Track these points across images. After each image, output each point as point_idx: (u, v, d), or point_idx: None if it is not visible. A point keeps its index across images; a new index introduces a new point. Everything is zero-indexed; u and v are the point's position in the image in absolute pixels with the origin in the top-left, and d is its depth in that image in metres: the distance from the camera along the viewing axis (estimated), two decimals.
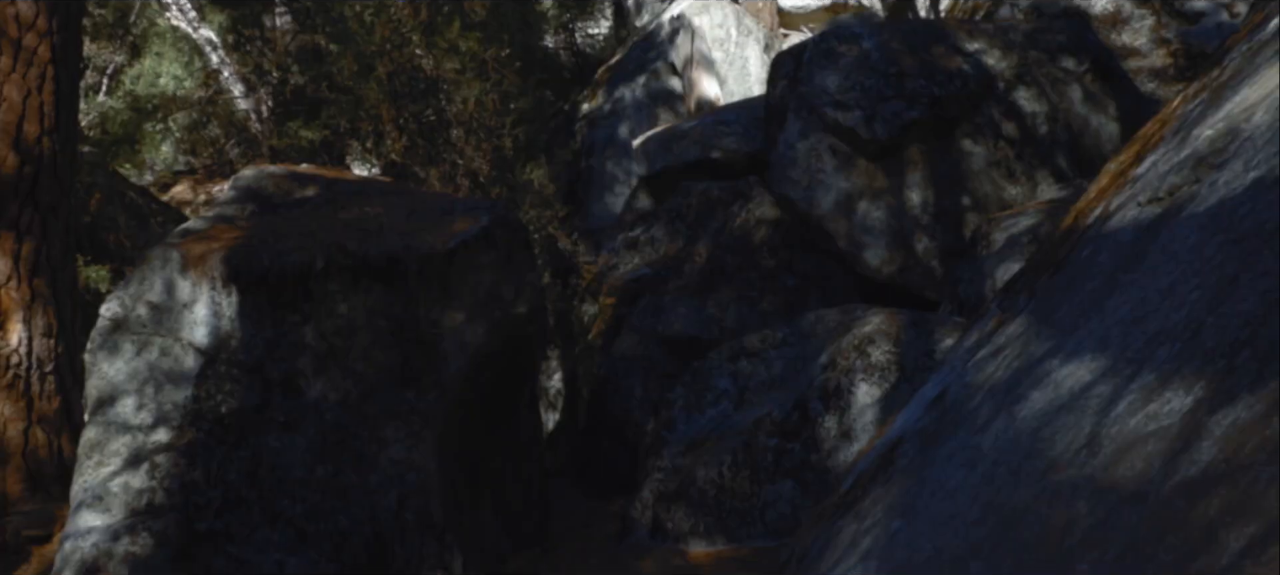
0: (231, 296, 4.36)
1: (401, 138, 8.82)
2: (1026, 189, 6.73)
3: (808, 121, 7.01)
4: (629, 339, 7.09)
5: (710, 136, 8.74)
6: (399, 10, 9.13)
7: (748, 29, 12.61)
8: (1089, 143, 6.92)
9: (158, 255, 4.43)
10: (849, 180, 6.83)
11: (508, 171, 9.31)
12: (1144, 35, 9.50)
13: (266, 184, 5.29)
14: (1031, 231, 5.64)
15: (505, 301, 4.88)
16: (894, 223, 6.71)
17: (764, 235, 7.27)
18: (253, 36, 11.25)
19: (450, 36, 9.11)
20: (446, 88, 9.00)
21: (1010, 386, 2.10)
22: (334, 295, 4.45)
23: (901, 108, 6.76)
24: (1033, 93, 6.97)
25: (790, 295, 7.01)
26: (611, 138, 11.54)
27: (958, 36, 7.29)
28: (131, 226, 8.77)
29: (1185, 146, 2.16)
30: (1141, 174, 2.30)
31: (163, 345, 4.30)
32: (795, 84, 7.24)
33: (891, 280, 6.67)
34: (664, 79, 11.99)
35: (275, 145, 10.18)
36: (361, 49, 9.04)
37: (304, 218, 4.96)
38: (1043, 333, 2.17)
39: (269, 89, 11.23)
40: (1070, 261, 2.34)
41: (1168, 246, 1.90)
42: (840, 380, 4.92)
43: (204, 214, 5.20)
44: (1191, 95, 2.45)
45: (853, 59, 7.08)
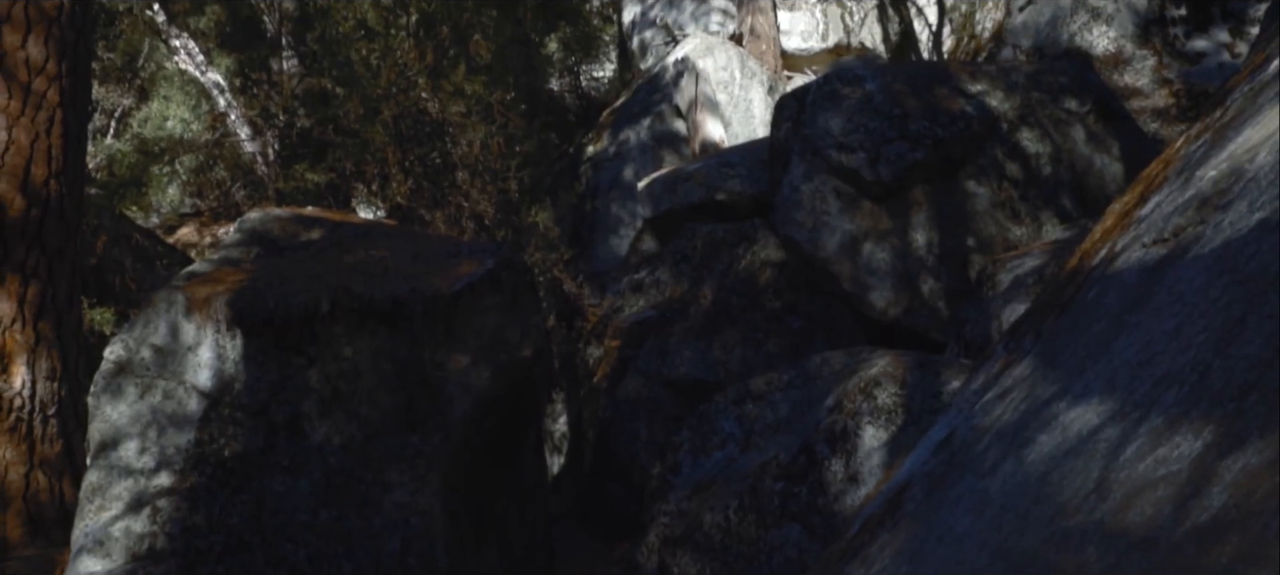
0: (236, 339, 4.36)
1: (407, 180, 8.86)
2: (1031, 230, 6.73)
3: (812, 163, 7.04)
4: (634, 382, 7.07)
5: (715, 178, 8.77)
6: (405, 54, 9.22)
7: (751, 71, 12.70)
8: (1093, 183, 6.93)
9: (162, 298, 4.44)
10: (853, 222, 6.84)
11: (513, 214, 9.35)
12: (1146, 76, 9.54)
13: (272, 226, 5.31)
14: (1037, 272, 5.63)
15: (510, 344, 4.88)
16: (899, 264, 6.71)
17: (769, 277, 7.27)
18: (260, 79, 11.35)
19: (456, 80, 9.20)
20: (452, 131, 9.06)
21: (1018, 429, 2.08)
22: (339, 338, 4.45)
23: (905, 149, 6.78)
24: (1036, 133, 6.99)
25: (796, 337, 6.99)
26: (616, 180, 11.58)
27: (960, 78, 7.33)
28: (137, 269, 8.80)
29: (1189, 187, 2.15)
30: (1146, 215, 2.29)
31: (166, 388, 4.29)
32: (799, 126, 7.27)
33: (897, 322, 6.66)
34: (668, 121, 12.05)
35: (281, 188, 10.23)
36: (368, 92, 9.12)
37: (309, 260, 4.97)
38: (1049, 375, 2.15)
39: (275, 132, 11.32)
40: (1076, 303, 2.33)
41: (1174, 288, 1.89)
42: (847, 423, 4.89)
43: (209, 256, 5.21)
44: (1194, 136, 2.46)
45: (856, 101, 7.12)
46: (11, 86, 3.20)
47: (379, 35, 9.98)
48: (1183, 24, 9.78)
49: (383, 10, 10.33)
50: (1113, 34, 9.87)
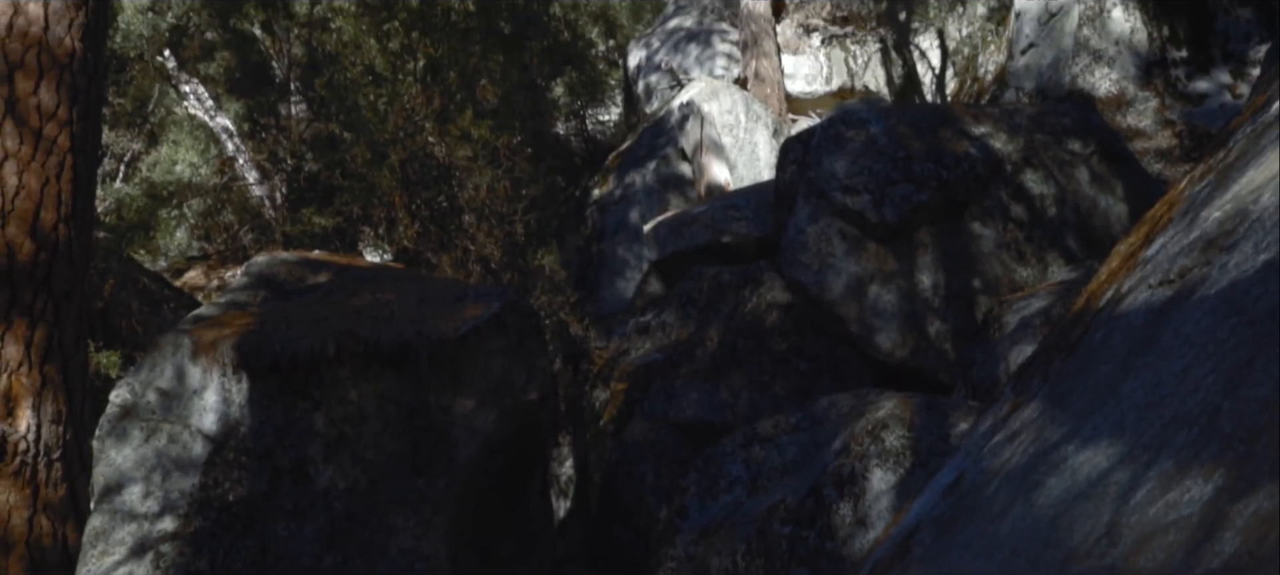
0: (242, 383, 4.36)
1: (414, 224, 8.90)
2: (1037, 271, 6.72)
3: (817, 206, 7.05)
4: (641, 425, 7.04)
5: (721, 221, 8.79)
6: (413, 98, 9.30)
7: (756, 114, 12.77)
8: (1098, 224, 6.93)
9: (169, 341, 4.45)
10: (859, 264, 6.84)
11: (519, 257, 9.37)
12: (1148, 117, 9.57)
13: (279, 270, 5.33)
14: (1043, 313, 5.61)
15: (516, 387, 4.87)
16: (905, 306, 6.70)
17: (775, 319, 7.26)
18: (268, 124, 11.46)
19: (463, 124, 9.26)
20: (459, 174, 9.11)
21: (1026, 473, 2.07)
22: (345, 381, 4.44)
23: (910, 191, 6.79)
24: (1040, 175, 7.00)
25: (802, 380, 6.96)
26: (622, 223, 11.62)
27: (964, 120, 7.36)
28: (144, 312, 8.82)
29: (1194, 228, 2.15)
30: (1151, 256, 2.29)
31: (171, 432, 4.29)
32: (804, 168, 7.30)
33: (904, 364, 6.63)
34: (674, 164, 12.11)
35: (289, 231, 10.29)
36: (375, 137, 9.19)
37: (316, 304, 4.98)
38: (1058, 417, 2.14)
39: (283, 176, 11.40)
40: (1083, 344, 2.32)
41: (1181, 329, 1.88)
42: (854, 466, 4.86)
43: (216, 300, 5.23)
44: (1198, 177, 2.46)
45: (860, 143, 7.15)
46: (23, 132, 3.23)
47: (387, 81, 10.07)
48: (1184, 66, 9.83)
49: (391, 56, 10.43)
50: (1114, 76, 9.92)
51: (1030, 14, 10.80)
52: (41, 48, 3.32)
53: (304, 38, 12.62)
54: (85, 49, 3.44)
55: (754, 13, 15.03)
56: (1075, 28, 10.17)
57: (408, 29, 10.46)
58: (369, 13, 10.74)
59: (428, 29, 10.45)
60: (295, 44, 12.62)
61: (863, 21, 15.94)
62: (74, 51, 3.39)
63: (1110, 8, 10.09)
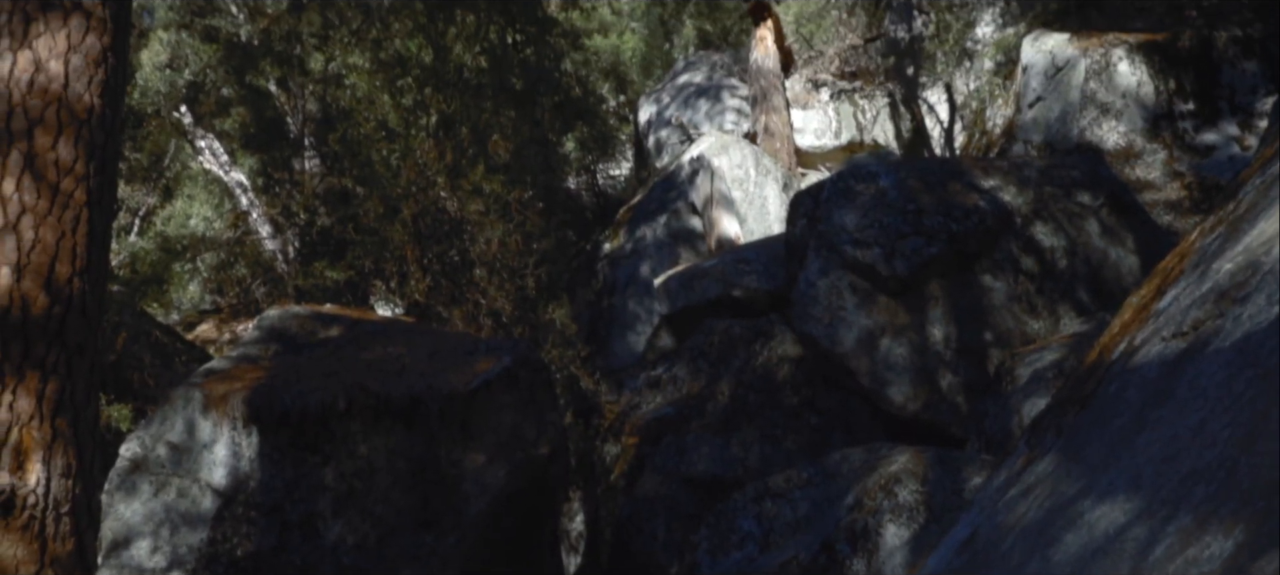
0: (252, 437, 4.35)
1: (425, 278, 8.93)
2: (1049, 323, 6.69)
3: (828, 259, 7.06)
4: (652, 479, 6.99)
5: (731, 275, 8.80)
6: (425, 153, 9.38)
7: (766, 169, 12.84)
8: (1109, 276, 6.91)
9: (180, 395, 4.45)
10: (870, 317, 6.82)
11: (530, 311, 9.38)
12: (1157, 169, 9.59)
13: (291, 324, 5.35)
14: (1056, 366, 5.58)
15: (527, 442, 4.85)
16: (917, 359, 6.67)
17: (787, 373, 7.23)
18: (282, 179, 11.57)
19: (474, 179, 9.33)
20: (470, 228, 9.16)
21: (1042, 528, 2.04)
22: (355, 436, 4.43)
23: (920, 244, 6.80)
24: (1050, 227, 7.00)
25: (814, 433, 6.92)
26: (633, 277, 11.64)
27: (973, 173, 7.38)
28: (156, 365, 8.85)
29: (1206, 280, 2.15)
30: (1164, 308, 2.28)
31: (180, 486, 4.28)
32: (814, 222, 7.32)
33: (916, 417, 6.59)
34: (684, 218, 12.15)
35: (301, 285, 10.33)
36: (387, 191, 9.26)
37: (327, 357, 4.99)
38: (1073, 471, 2.12)
39: (296, 230, 11.48)
40: (1097, 397, 2.30)
41: (1195, 382, 1.87)
42: (867, 521, 4.81)
43: (228, 353, 5.24)
44: (1209, 229, 2.46)
45: (870, 197, 7.17)
46: (40, 186, 3.27)
47: (399, 136, 10.17)
48: (1192, 118, 9.87)
49: (404, 111, 10.55)
50: (1122, 129, 9.96)
51: (1037, 68, 10.88)
52: (61, 104, 3.37)
53: (318, 94, 12.79)
54: (104, 105, 3.49)
55: (763, 68, 15.18)
56: (1082, 81, 10.23)
57: (420, 85, 10.60)
58: (382, 69, 10.89)
59: (440, 85, 10.58)
60: (309, 100, 12.79)
61: (871, 76, 16.07)
62: (93, 108, 3.45)
63: (1116, 61, 10.16)
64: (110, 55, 3.54)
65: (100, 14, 3.52)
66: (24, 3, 3.43)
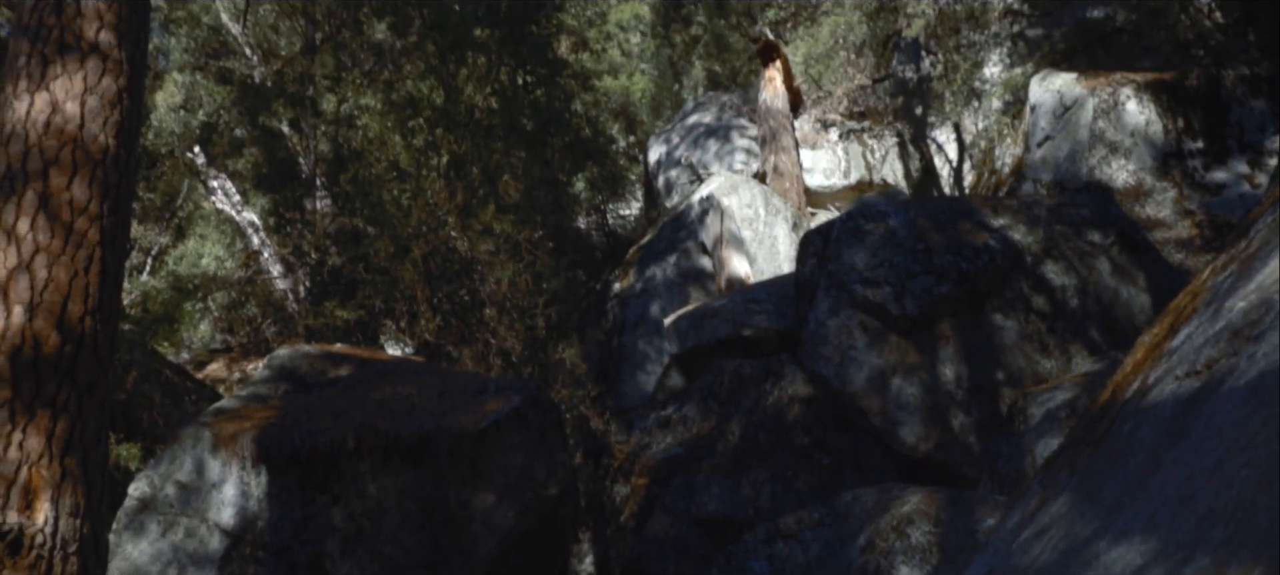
0: (261, 476, 4.34)
1: (435, 317, 8.95)
2: (1061, 362, 6.65)
3: (838, 298, 7.05)
4: (662, 520, 6.94)
5: (741, 314, 8.79)
6: (436, 193, 9.43)
7: (776, 208, 12.87)
8: (1120, 314, 6.88)
9: (189, 434, 4.45)
10: (881, 356, 6.79)
11: (540, 351, 9.38)
12: (1167, 207, 9.58)
13: (301, 363, 5.36)
14: (1068, 406, 5.54)
15: (537, 482, 4.82)
16: (928, 398, 6.63)
17: (797, 413, 7.20)
18: (293, 218, 11.64)
19: (485, 218, 9.37)
20: (480, 268, 9.18)
21: (1057, 570, 2.02)
22: (364, 475, 4.42)
23: (930, 283, 6.78)
24: (1061, 266, 6.98)
25: (825, 474, 6.87)
26: (643, 316, 11.63)
27: (983, 212, 7.38)
28: (166, 404, 8.86)
29: (1219, 319, 2.14)
30: (1177, 347, 2.27)
31: (189, 526, 4.26)
32: (824, 261, 7.32)
33: (928, 457, 6.54)
34: (694, 258, 12.17)
35: (311, 324, 10.36)
36: (398, 231, 9.30)
37: (337, 397, 4.99)
38: (1088, 512, 2.10)
39: (307, 269, 11.53)
40: (1110, 437, 2.28)
41: (1211, 422, 1.85)
42: (880, 562, 4.75)
43: (238, 392, 5.25)
44: (1220, 267, 2.45)
45: (880, 236, 7.17)
46: (54, 226, 3.30)
47: (410, 176, 10.24)
48: (1201, 156, 9.87)
49: (415, 152, 10.63)
50: (1131, 167, 9.96)
51: (1045, 107, 10.91)
52: (77, 145, 3.41)
53: (330, 134, 12.90)
54: (119, 146, 3.52)
55: (772, 108, 15.26)
56: (1090, 120, 10.26)
57: (432, 126, 10.69)
58: (394, 110, 10.99)
59: (451, 126, 10.66)
60: (321, 140, 12.90)
61: (879, 116, 16.14)
62: (108, 148, 3.48)
63: (1124, 100, 10.18)
64: (126, 97, 3.58)
65: (116, 56, 3.57)
66: (42, 45, 3.48)
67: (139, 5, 3.72)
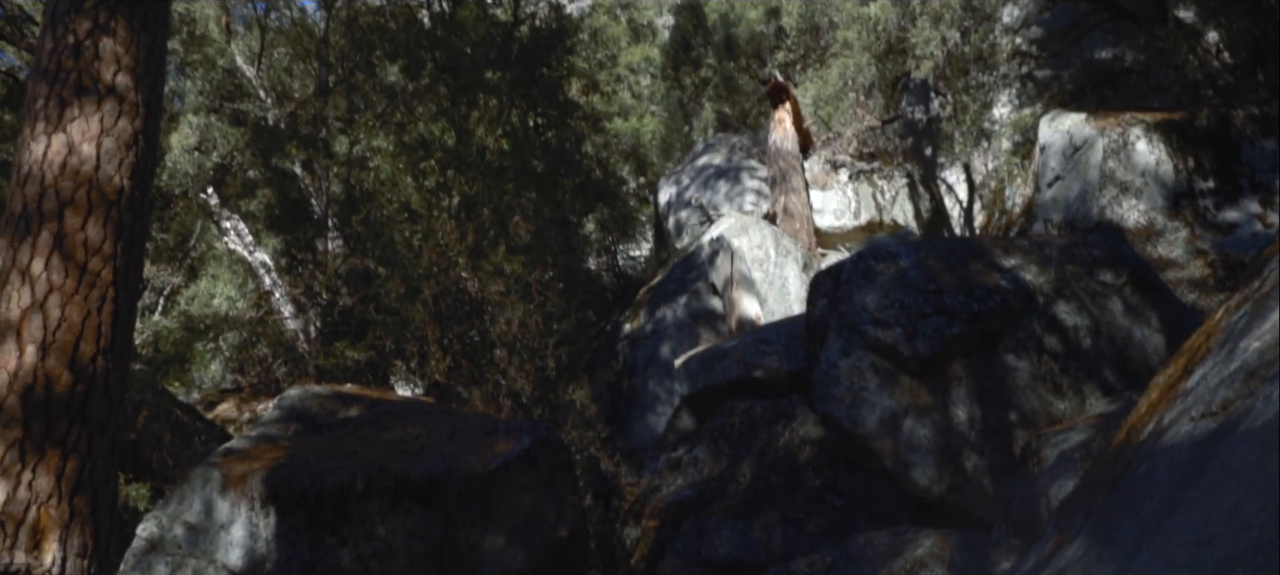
0: (269, 517, 4.33)
1: (445, 358, 8.95)
2: (1074, 403, 6.60)
3: (849, 339, 7.02)
4: (672, 563, 6.88)
5: (752, 355, 8.77)
6: (447, 234, 9.47)
7: (786, 249, 12.87)
8: (1134, 355, 6.84)
9: (199, 474, 4.44)
10: (893, 398, 6.76)
11: (550, 391, 9.35)
12: (1179, 247, 9.54)
13: (311, 404, 5.35)
14: (1083, 447, 5.49)
15: (547, 524, 4.79)
16: (941, 440, 6.58)
17: (809, 455, 7.15)
18: (305, 259, 11.69)
19: (495, 259, 9.39)
20: (491, 309, 9.19)
21: None
22: (373, 517, 4.40)
23: (942, 324, 6.76)
24: (1073, 306, 6.95)
25: (837, 516, 6.81)
26: (653, 357, 11.61)
27: (994, 253, 7.37)
28: (175, 444, 8.85)
29: (1234, 359, 2.12)
30: (1192, 387, 2.25)
31: (196, 567, 4.24)
32: (835, 302, 7.30)
33: (941, 499, 6.48)
34: (705, 299, 12.16)
35: (321, 364, 10.37)
36: (409, 272, 9.33)
37: (346, 438, 4.98)
38: (1105, 556, 2.07)
39: (318, 309, 11.56)
40: (1126, 479, 2.26)
41: (1227, 463, 1.83)
42: None
43: (248, 433, 5.24)
44: (1234, 307, 2.43)
45: (891, 276, 7.16)
46: (68, 266, 3.32)
47: (422, 217, 10.29)
48: (1212, 196, 9.85)
49: (426, 193, 10.69)
50: (1142, 207, 9.94)
51: (1055, 147, 10.92)
52: (92, 186, 3.44)
53: (342, 176, 13.00)
54: (133, 187, 3.56)
55: (782, 149, 15.33)
56: (1100, 160, 10.26)
57: (443, 167, 10.76)
58: (406, 152, 11.07)
59: (463, 167, 10.73)
60: (334, 182, 12.99)
61: (889, 157, 16.19)
62: (123, 189, 3.51)
63: (1134, 140, 10.19)
64: (141, 138, 3.62)
65: (133, 98, 3.61)
66: (60, 88, 3.52)
67: (156, 49, 3.77)
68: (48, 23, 3.68)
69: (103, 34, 3.60)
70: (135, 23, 3.69)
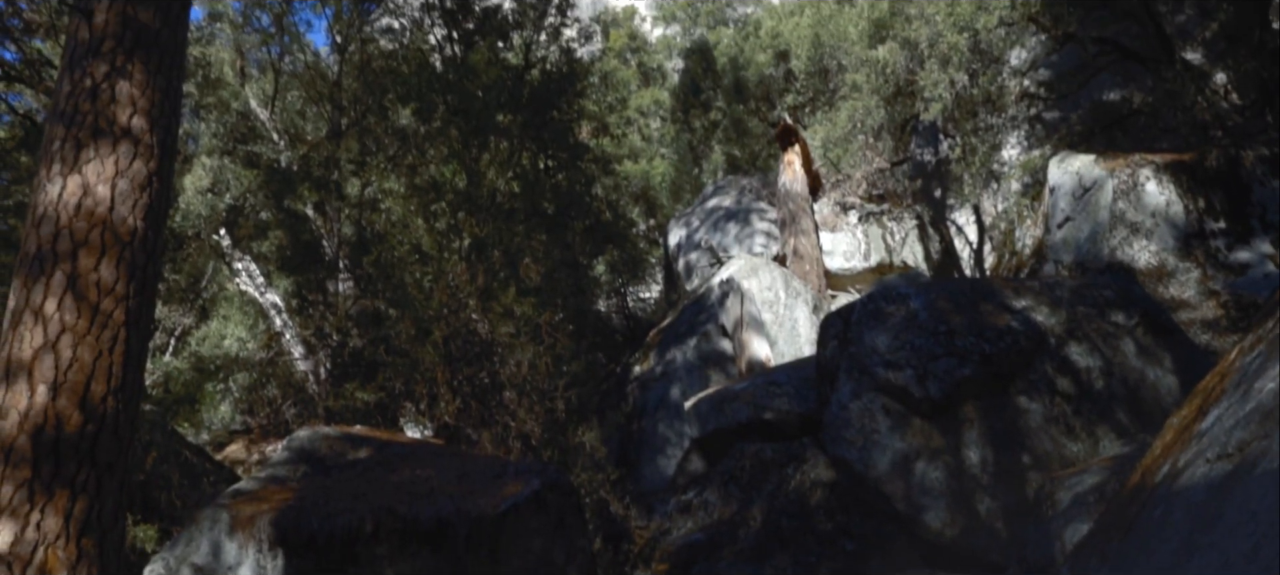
0: (277, 559, 4.30)
1: (455, 400, 8.93)
2: (1088, 445, 6.55)
3: (859, 381, 6.99)
4: None
5: (762, 397, 8.73)
6: (457, 276, 9.49)
7: (796, 291, 12.86)
8: (1147, 396, 6.78)
9: (207, 515, 4.43)
10: (904, 440, 6.71)
11: (560, 434, 9.32)
12: (1191, 287, 9.50)
13: (320, 445, 5.35)
14: (1097, 490, 5.43)
15: (556, 567, 4.75)
16: (953, 483, 6.53)
17: (820, 497, 7.10)
18: (316, 300, 11.72)
19: (506, 301, 9.40)
20: (500, 350, 9.19)
21: None
22: (381, 559, 4.37)
23: (953, 365, 6.73)
24: (1085, 347, 6.92)
25: (850, 560, 6.74)
26: (663, 399, 11.57)
27: (1004, 294, 7.35)
28: (184, 486, 8.83)
29: (1249, 400, 2.10)
30: (1207, 429, 2.23)
31: None
32: (845, 344, 7.28)
33: (954, 543, 6.41)
34: (715, 341, 12.14)
35: (331, 406, 10.36)
36: (419, 313, 9.34)
37: (355, 479, 4.96)
38: None
39: (328, 351, 11.58)
40: (1142, 522, 2.24)
41: (1245, 505, 1.81)
42: None
43: (256, 474, 5.23)
44: (1248, 347, 2.42)
45: (901, 318, 7.14)
46: (81, 306, 3.34)
47: (432, 258, 10.32)
48: (1223, 236, 9.82)
49: (437, 235, 10.73)
50: (1153, 248, 9.92)
51: (1064, 189, 10.92)
52: (106, 227, 3.47)
53: (354, 217, 13.07)
54: (147, 228, 3.58)
55: (791, 191, 15.37)
56: (1110, 201, 10.25)
57: (454, 209, 10.81)
58: (417, 194, 11.13)
59: (473, 209, 10.78)
60: (345, 223, 13.06)
61: (899, 198, 16.21)
62: (136, 230, 3.54)
63: (1144, 181, 10.19)
64: (155, 180, 3.65)
65: (148, 141, 3.65)
66: (77, 130, 3.56)
67: (171, 91, 3.81)
68: (66, 66, 3.73)
69: (119, 77, 3.65)
70: (151, 66, 3.73)
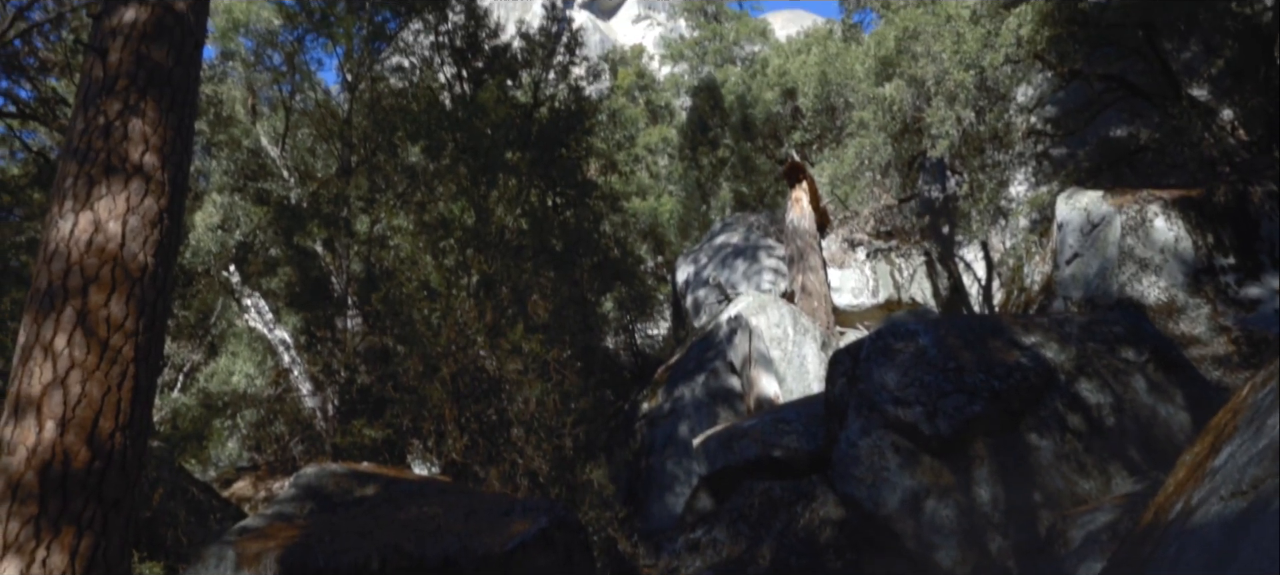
0: None
1: (463, 437, 8.91)
2: (1099, 483, 6.49)
3: (869, 418, 6.96)
4: None
5: (771, 435, 8.69)
6: (465, 313, 9.50)
7: (804, 327, 12.84)
8: (1159, 433, 6.73)
9: (213, 553, 4.41)
10: (914, 478, 6.66)
11: (567, 471, 9.28)
12: (1202, 323, 9.45)
13: (327, 482, 5.33)
14: (1110, 528, 5.38)
15: None
16: (964, 521, 6.47)
17: (830, 536, 7.04)
18: (324, 337, 11.74)
19: (514, 338, 9.41)
20: (508, 388, 9.18)
21: None
22: None
23: (963, 402, 6.69)
24: (1095, 384, 6.88)
25: None
26: (671, 437, 11.53)
27: (1013, 331, 7.32)
28: (190, 522, 8.81)
29: (1262, 436, 2.08)
30: (1220, 466, 2.21)
31: None
32: (854, 381, 7.25)
33: None
34: (723, 378, 12.11)
35: (338, 443, 10.34)
36: (428, 350, 9.35)
37: (362, 517, 4.94)
38: None
39: (336, 387, 11.57)
40: (1156, 561, 2.21)
41: (1260, 543, 1.79)
42: None
43: (263, 511, 5.22)
44: (1260, 383, 2.40)
45: (910, 355, 7.12)
46: (90, 342, 3.35)
47: (441, 295, 10.34)
48: (1233, 272, 9.78)
49: (445, 272, 10.76)
50: (1163, 284, 9.88)
51: (1072, 225, 10.91)
52: (117, 263, 3.48)
53: (363, 254, 13.12)
54: (157, 264, 3.60)
55: (799, 228, 15.39)
56: (1119, 237, 10.24)
57: (462, 246, 10.85)
58: (426, 231, 11.18)
59: (482, 246, 10.82)
60: (354, 260, 13.11)
61: (907, 235, 16.22)
62: (146, 267, 3.55)
63: (1152, 217, 10.17)
64: (166, 217, 3.67)
65: (159, 178, 3.67)
66: (89, 167, 3.59)
67: (183, 129, 3.85)
68: (80, 103, 3.77)
69: (132, 115, 3.68)
70: (164, 104, 3.77)
